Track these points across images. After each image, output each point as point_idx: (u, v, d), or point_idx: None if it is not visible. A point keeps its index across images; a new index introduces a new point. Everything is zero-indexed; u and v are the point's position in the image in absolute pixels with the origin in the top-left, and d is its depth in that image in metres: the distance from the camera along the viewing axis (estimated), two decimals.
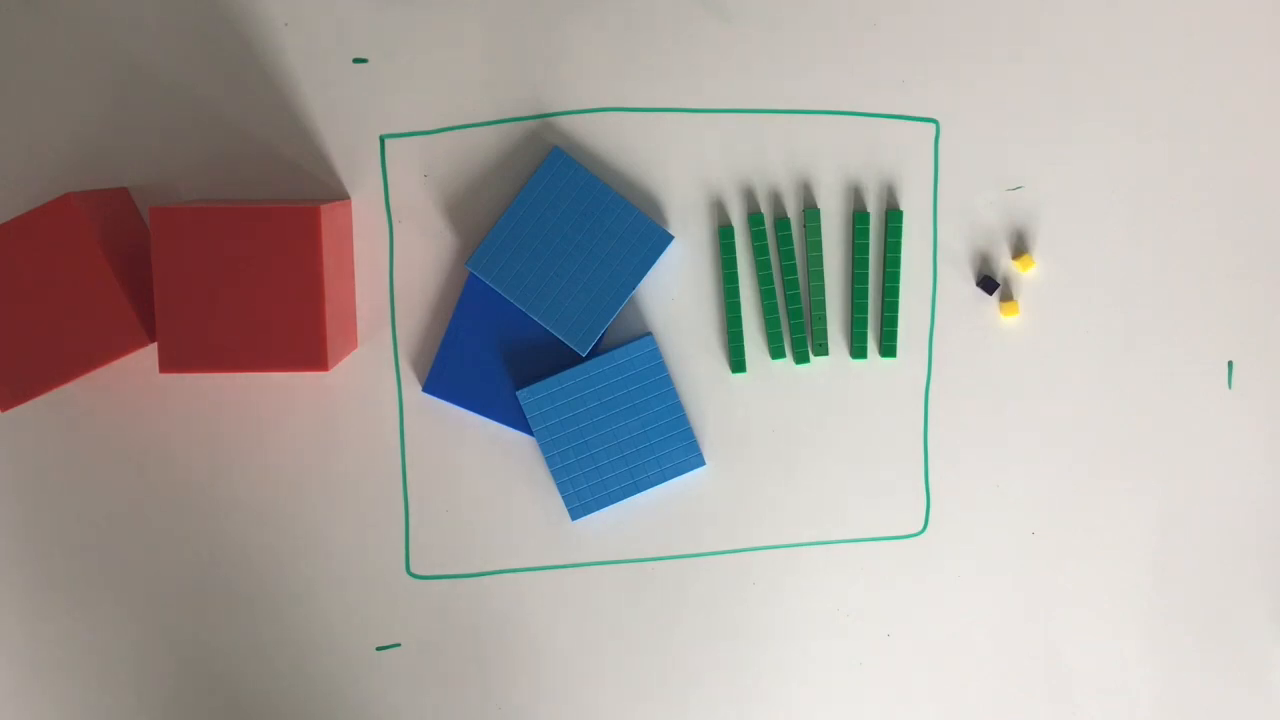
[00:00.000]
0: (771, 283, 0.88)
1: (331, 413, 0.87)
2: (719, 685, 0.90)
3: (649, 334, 0.88)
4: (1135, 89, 0.88)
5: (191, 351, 0.78)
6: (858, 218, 0.88)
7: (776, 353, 0.88)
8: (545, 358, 0.87)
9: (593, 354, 0.87)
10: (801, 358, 0.89)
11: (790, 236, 0.88)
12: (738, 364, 0.88)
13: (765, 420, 0.89)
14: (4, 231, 0.78)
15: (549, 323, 0.86)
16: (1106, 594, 0.90)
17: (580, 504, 0.88)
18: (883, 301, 0.88)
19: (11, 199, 0.85)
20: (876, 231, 0.88)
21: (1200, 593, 0.91)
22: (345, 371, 0.87)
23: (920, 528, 0.90)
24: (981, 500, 0.90)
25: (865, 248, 0.88)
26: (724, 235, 0.87)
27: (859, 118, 0.88)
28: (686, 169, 0.87)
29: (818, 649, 0.90)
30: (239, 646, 0.89)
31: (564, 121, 0.87)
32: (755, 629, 0.90)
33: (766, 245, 0.88)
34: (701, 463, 0.88)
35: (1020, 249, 0.89)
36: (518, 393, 0.87)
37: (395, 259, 0.87)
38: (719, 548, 0.89)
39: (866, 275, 0.88)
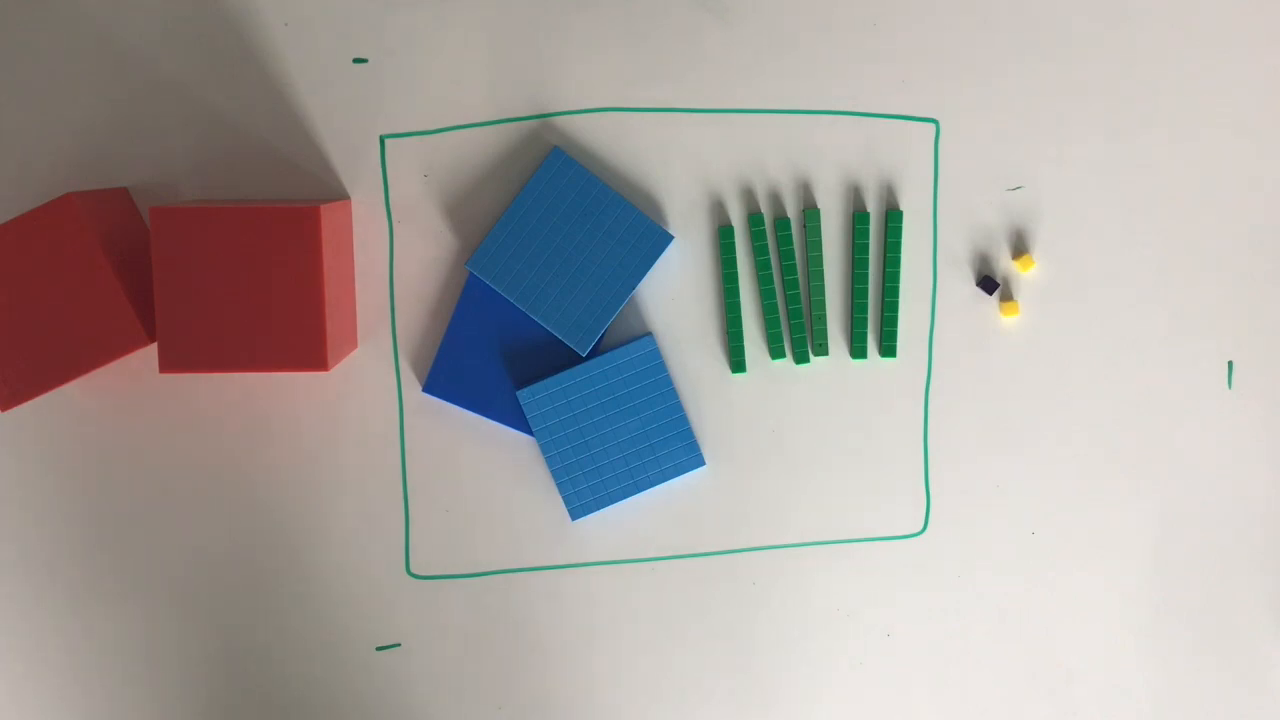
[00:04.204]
0: (771, 283, 0.88)
1: (331, 413, 0.87)
2: (719, 685, 0.90)
3: (649, 334, 0.88)
4: (1135, 89, 0.88)
5: (191, 351, 0.78)
6: (858, 218, 0.88)
7: (776, 353, 0.88)
8: (545, 358, 0.87)
9: (593, 354, 0.87)
10: (801, 358, 0.89)
11: (790, 236, 0.88)
12: (738, 364, 0.88)
13: (765, 420, 0.89)
14: (4, 231, 0.78)
15: (549, 323, 0.86)
16: (1106, 593, 0.90)
17: (580, 504, 0.88)
18: (883, 301, 0.88)
19: (11, 199, 0.85)
20: (876, 231, 0.88)
21: (1200, 593, 0.91)
22: (345, 371, 0.87)
23: (920, 528, 0.90)
24: (981, 500, 0.90)
25: (865, 248, 0.88)
26: (724, 235, 0.87)
27: (859, 118, 0.88)
28: (686, 169, 0.87)
29: (818, 649, 0.90)
30: (239, 646, 0.88)
31: (564, 121, 0.87)
32: (755, 629, 0.90)
33: (766, 245, 0.88)
34: (701, 463, 0.88)
35: (1020, 249, 0.89)
36: (518, 393, 0.87)
37: (395, 259, 0.87)
38: (719, 548, 0.89)
39: (866, 275, 0.88)
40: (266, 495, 0.88)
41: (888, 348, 0.88)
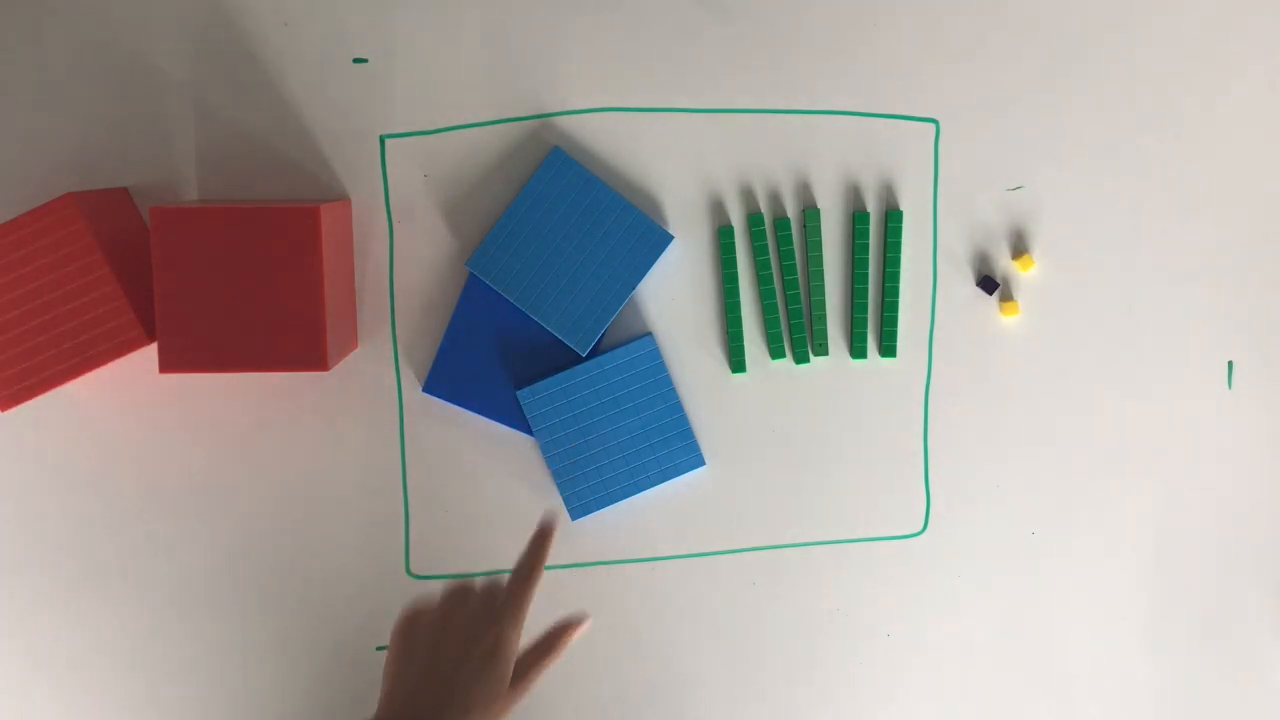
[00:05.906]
0: (771, 283, 0.88)
1: (331, 413, 0.87)
2: (719, 685, 0.90)
3: (649, 334, 0.88)
4: (1135, 89, 0.88)
5: (191, 351, 0.78)
6: (858, 218, 0.88)
7: (776, 353, 0.88)
8: (545, 358, 0.87)
9: (593, 354, 0.87)
10: (801, 358, 0.89)
11: (790, 236, 0.88)
12: (738, 364, 0.88)
13: (765, 420, 0.89)
14: (4, 231, 0.78)
15: (549, 323, 0.86)
16: (1106, 594, 0.90)
17: (580, 504, 0.88)
18: (883, 301, 0.88)
19: (11, 199, 0.85)
20: (876, 231, 0.88)
21: (1200, 593, 0.91)
22: (345, 371, 0.87)
23: (920, 528, 0.90)
24: (981, 500, 0.90)
25: (865, 248, 0.88)
26: (724, 235, 0.87)
27: (859, 118, 0.88)
28: (686, 169, 0.87)
29: (818, 649, 0.90)
30: (239, 646, 0.88)
31: (564, 121, 0.87)
32: (755, 629, 0.90)
33: (766, 245, 0.88)
34: (701, 463, 0.88)
35: (1020, 249, 0.89)
36: (518, 393, 0.87)
37: (395, 259, 0.87)
38: (719, 548, 0.89)
39: (866, 275, 0.88)
40: (267, 495, 0.88)
41: (888, 348, 0.88)
